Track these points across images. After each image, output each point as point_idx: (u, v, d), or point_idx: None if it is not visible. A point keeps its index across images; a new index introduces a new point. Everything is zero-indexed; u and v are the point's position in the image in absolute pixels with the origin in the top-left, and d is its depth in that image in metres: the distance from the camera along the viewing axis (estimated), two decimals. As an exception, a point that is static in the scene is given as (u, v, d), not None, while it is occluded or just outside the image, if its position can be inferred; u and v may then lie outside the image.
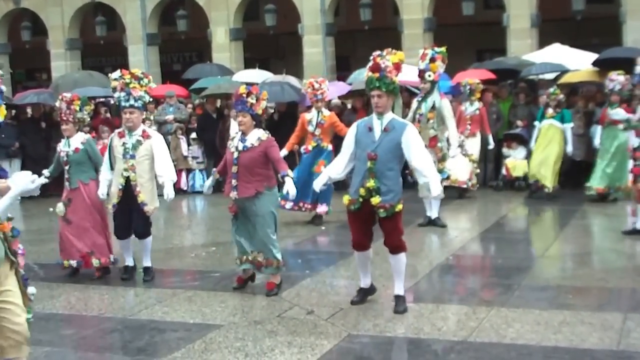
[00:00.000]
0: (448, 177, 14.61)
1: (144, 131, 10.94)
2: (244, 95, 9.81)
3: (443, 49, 13.99)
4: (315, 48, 27.68)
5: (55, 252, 11.79)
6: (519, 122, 18.45)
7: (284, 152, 16.83)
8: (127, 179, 10.80)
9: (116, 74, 10.90)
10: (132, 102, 10.73)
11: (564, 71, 19.75)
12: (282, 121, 18.95)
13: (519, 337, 8.06)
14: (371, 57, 9.04)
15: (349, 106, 20.35)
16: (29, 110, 21.48)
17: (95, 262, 11.19)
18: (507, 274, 10.96)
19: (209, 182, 10.55)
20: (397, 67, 8.96)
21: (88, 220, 11.22)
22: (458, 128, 17.03)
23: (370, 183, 8.81)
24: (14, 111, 20.90)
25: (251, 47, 29.69)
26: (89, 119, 11.80)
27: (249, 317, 9.11)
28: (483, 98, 18.63)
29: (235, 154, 9.81)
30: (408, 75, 19.51)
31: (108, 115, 21.05)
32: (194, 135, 20.35)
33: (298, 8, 27.73)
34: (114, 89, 10.91)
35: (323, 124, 14.66)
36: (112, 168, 10.96)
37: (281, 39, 31.36)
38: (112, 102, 21.76)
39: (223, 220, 14.64)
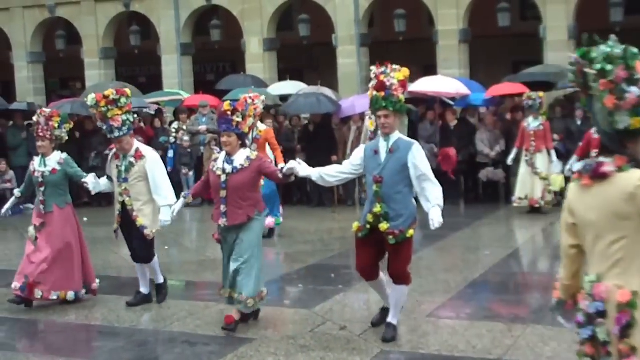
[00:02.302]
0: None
1: (137, 151, 10.11)
2: (229, 112, 8.93)
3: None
4: (350, 59, 27.59)
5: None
6: (556, 136, 18.20)
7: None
8: (123, 204, 10.12)
9: (91, 99, 9.90)
10: (116, 133, 9.86)
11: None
12: (318, 132, 18.91)
13: (555, 356, 7.93)
14: (373, 75, 8.55)
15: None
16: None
17: (37, 293, 10.23)
18: (543, 290, 10.80)
19: (177, 205, 9.60)
20: (403, 84, 8.45)
21: (58, 250, 10.33)
22: (521, 144, 16.88)
23: (377, 208, 8.30)
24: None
25: (285, 58, 29.67)
26: (66, 138, 10.84)
27: (281, 332, 9.05)
28: (515, 113, 18.45)
29: (223, 177, 8.94)
30: (442, 86, 19.58)
31: (142, 124, 21.08)
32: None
33: (332, 18, 27.66)
34: (94, 117, 10.27)
35: (259, 139, 14.48)
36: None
37: (315, 50, 31.29)
38: (144, 111, 21.87)
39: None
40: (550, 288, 10.71)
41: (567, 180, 16.23)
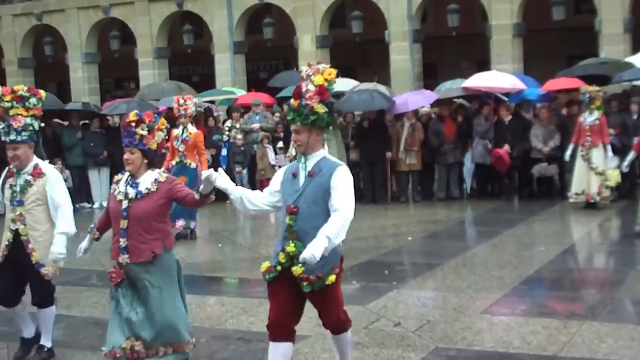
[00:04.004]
0: None
1: (35, 167, 8.24)
2: (133, 124, 7.11)
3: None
4: (402, 55, 27.47)
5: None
6: (611, 131, 17.94)
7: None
8: (16, 232, 8.19)
9: None
10: (13, 136, 8.09)
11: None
12: (372, 129, 18.88)
13: (612, 353, 7.84)
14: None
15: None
16: (115, 118, 21.71)
17: None
18: (599, 287, 10.72)
19: (84, 244, 7.54)
20: (321, 91, 6.56)
21: None
22: (577, 139, 16.72)
23: (291, 247, 6.55)
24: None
25: (337, 55, 29.61)
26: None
27: (335, 328, 9.01)
28: (570, 108, 18.25)
29: (125, 203, 7.10)
30: (497, 81, 19.44)
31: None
32: (280, 144, 20.33)
33: (385, 14, 27.58)
34: None
35: (188, 141, 14.52)
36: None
37: (368, 47, 31.27)
38: (199, 109, 21.96)
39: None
40: (607, 283, 10.67)
41: (623, 175, 16.07)
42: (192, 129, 14.69)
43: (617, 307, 9.62)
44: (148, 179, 7.13)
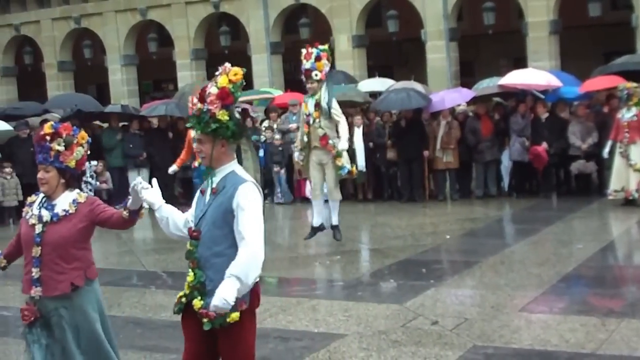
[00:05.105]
0: (349, 172, 13.57)
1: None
2: (47, 138, 6.21)
3: (326, 46, 13.77)
4: (439, 54, 27.44)
5: (182, 261, 11.96)
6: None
7: (173, 167, 16.66)
8: None
9: None
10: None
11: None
12: (409, 128, 18.88)
13: (651, 350, 7.81)
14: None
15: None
16: (154, 120, 21.87)
17: None
18: (638, 284, 10.67)
19: None
20: (223, 95, 5.58)
21: None
22: (616, 136, 16.62)
23: (190, 276, 5.69)
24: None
25: (374, 54, 29.66)
26: None
27: (373, 327, 9.05)
28: (610, 104, 18.14)
29: (38, 228, 6.21)
30: (533, 79, 19.36)
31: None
32: (317, 143, 20.37)
33: (421, 13, 27.57)
34: None
35: None
36: None
37: (404, 46, 31.25)
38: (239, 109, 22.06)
39: (349, 229, 14.76)
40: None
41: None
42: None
43: (656, 304, 9.58)
44: (65, 200, 6.27)
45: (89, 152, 6.32)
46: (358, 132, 18.81)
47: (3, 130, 19.88)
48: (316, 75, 13.41)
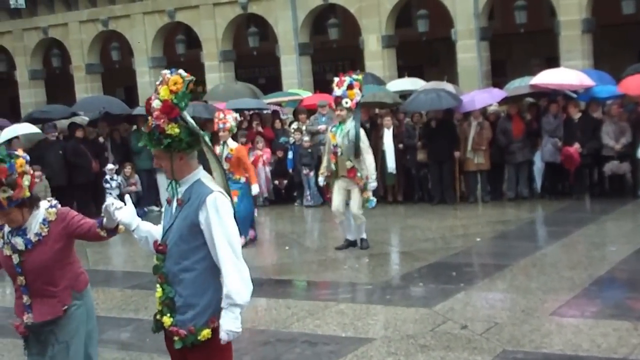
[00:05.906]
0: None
1: None
2: None
3: (360, 76, 13.66)
4: (470, 53, 27.26)
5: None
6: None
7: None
8: None
9: None
10: None
11: None
12: (440, 128, 18.70)
13: (686, 356, 7.64)
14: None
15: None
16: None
17: None
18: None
19: None
20: (167, 109, 5.28)
21: None
22: None
23: (158, 291, 5.42)
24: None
25: (404, 54, 29.54)
26: None
27: (401, 331, 8.98)
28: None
29: (16, 258, 6.03)
30: (565, 78, 19.13)
31: (260, 128, 21.16)
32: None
33: (451, 13, 27.42)
34: None
35: (230, 158, 14.06)
36: None
37: (434, 45, 31.10)
38: (265, 112, 22.04)
39: (379, 232, 14.67)
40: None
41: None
42: (232, 144, 14.35)
43: (691, 308, 9.40)
44: (36, 222, 6.04)
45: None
46: (388, 134, 18.69)
47: (32, 133, 19.97)
48: (346, 102, 13.41)
